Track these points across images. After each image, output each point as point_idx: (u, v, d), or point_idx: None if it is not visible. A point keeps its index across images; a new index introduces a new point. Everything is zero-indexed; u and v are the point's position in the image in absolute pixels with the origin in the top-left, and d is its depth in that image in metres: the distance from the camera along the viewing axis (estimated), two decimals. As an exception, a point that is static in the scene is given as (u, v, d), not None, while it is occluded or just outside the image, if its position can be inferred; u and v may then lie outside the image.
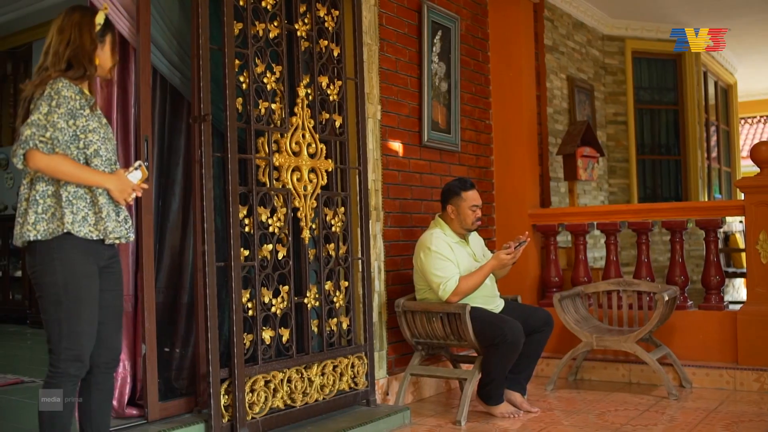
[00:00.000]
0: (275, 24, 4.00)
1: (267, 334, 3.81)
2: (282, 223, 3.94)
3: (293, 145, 4.05)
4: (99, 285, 2.85)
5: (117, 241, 2.87)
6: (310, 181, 4.14)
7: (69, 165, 2.72)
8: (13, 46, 9.66)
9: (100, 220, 2.80)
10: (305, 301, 4.08)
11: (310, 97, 4.20)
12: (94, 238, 2.80)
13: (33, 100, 2.79)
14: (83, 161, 2.81)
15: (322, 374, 4.12)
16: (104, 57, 2.95)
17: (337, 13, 4.41)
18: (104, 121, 2.92)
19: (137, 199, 3.59)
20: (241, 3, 3.81)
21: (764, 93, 13.83)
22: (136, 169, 2.92)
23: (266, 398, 3.77)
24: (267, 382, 3.79)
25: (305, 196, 4.09)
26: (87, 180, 2.76)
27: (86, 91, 2.90)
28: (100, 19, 2.92)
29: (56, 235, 2.73)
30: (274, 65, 3.99)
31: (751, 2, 8.17)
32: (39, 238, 2.73)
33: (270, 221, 3.87)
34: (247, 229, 3.76)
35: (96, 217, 2.80)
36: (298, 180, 4.07)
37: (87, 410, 2.95)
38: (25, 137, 2.67)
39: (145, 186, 2.99)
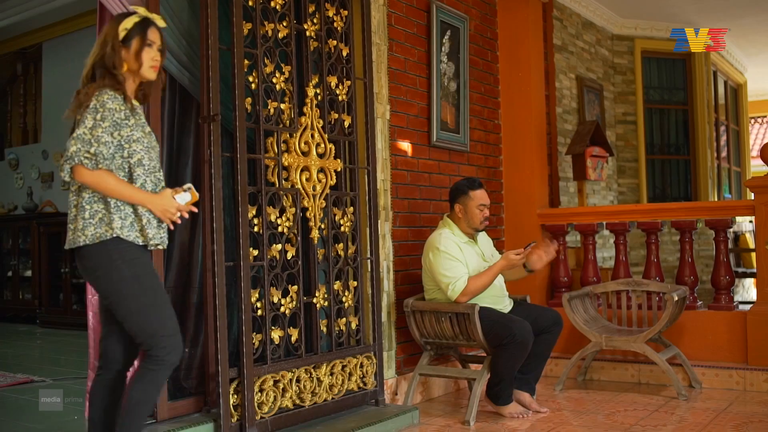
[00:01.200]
0: (284, 24, 4.01)
1: (276, 334, 3.82)
2: (291, 223, 3.95)
3: (302, 145, 4.06)
4: None
5: (155, 248, 2.93)
6: (319, 181, 4.14)
7: (113, 182, 2.78)
8: (23, 47, 9.71)
9: (144, 227, 2.85)
10: (314, 300, 4.09)
11: (319, 97, 4.21)
12: (140, 243, 2.86)
13: (80, 110, 2.84)
14: (127, 170, 2.86)
15: (331, 374, 4.12)
16: (130, 60, 2.96)
17: (346, 12, 4.41)
18: (147, 129, 2.96)
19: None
20: (250, 3, 3.81)
21: (774, 92, 13.78)
22: (185, 191, 2.96)
23: (275, 398, 3.78)
24: (276, 382, 3.79)
25: (314, 196, 4.10)
26: (130, 198, 2.81)
27: (133, 100, 2.95)
28: (126, 24, 2.95)
29: (105, 239, 2.78)
30: (283, 65, 4.00)
31: (760, 1, 8.13)
32: (87, 242, 2.78)
33: (279, 221, 3.88)
34: (256, 228, 3.77)
35: (140, 224, 2.86)
36: (307, 180, 4.07)
37: (113, 411, 2.97)
38: (70, 153, 2.74)
39: (194, 209, 3.03)
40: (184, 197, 2.94)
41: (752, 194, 5.25)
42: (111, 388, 2.98)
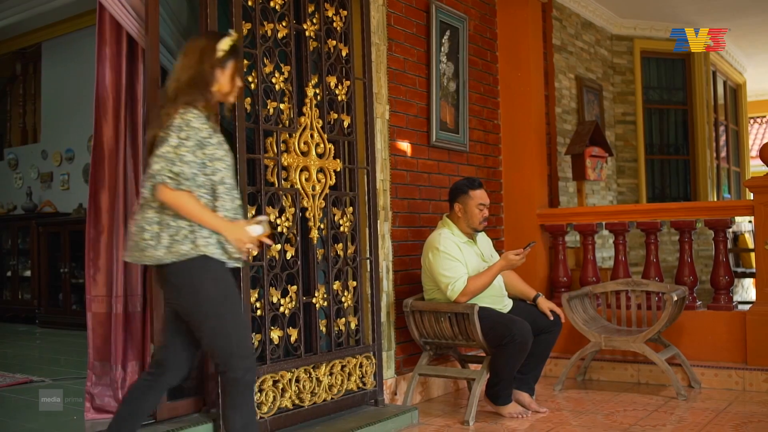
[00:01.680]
0: (284, 24, 4.01)
1: (275, 334, 3.82)
2: (290, 223, 3.95)
3: (302, 145, 4.06)
4: None
5: (236, 264, 2.95)
6: (319, 181, 4.14)
7: (193, 205, 2.79)
8: (23, 47, 9.71)
9: (225, 244, 2.87)
10: (313, 301, 4.09)
11: (319, 97, 4.21)
12: (223, 260, 2.88)
13: (162, 126, 2.84)
14: (210, 188, 2.86)
15: (331, 374, 4.12)
16: (224, 82, 2.98)
17: (345, 13, 4.41)
18: (227, 147, 2.97)
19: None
20: (249, 3, 3.81)
21: (774, 92, 13.79)
22: (258, 223, 2.96)
23: (274, 398, 3.78)
24: (275, 382, 3.79)
25: (314, 196, 4.10)
26: (207, 223, 2.82)
27: (211, 121, 2.96)
28: (224, 45, 2.96)
29: (192, 257, 2.80)
30: (282, 65, 3.99)
31: (760, 1, 8.14)
32: (175, 260, 2.79)
33: (278, 221, 3.88)
34: (255, 228, 3.76)
35: (225, 242, 2.87)
36: (306, 180, 4.07)
37: (138, 411, 2.99)
38: (155, 171, 2.76)
39: (268, 241, 3.07)
40: (257, 229, 2.94)
41: (751, 194, 5.25)
42: (155, 392, 3.00)
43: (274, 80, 3.94)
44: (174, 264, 2.80)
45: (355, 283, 4.36)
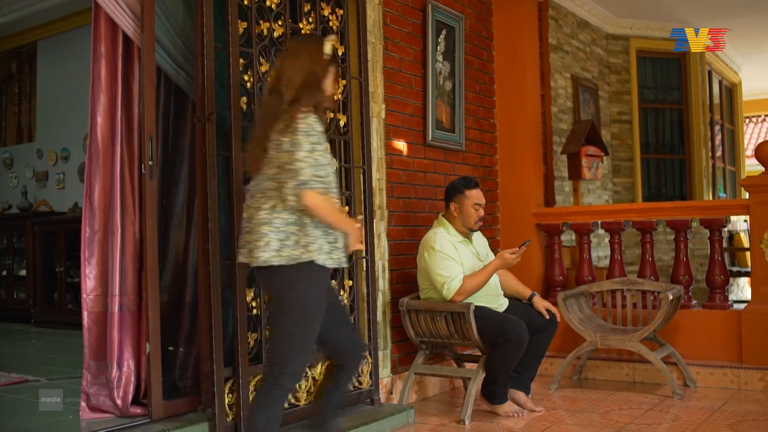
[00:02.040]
0: (279, 23, 4.01)
1: (271, 333, 3.81)
2: (286, 222, 3.93)
3: (297, 144, 4.04)
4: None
5: (338, 266, 3.03)
6: (315, 180, 4.13)
7: (332, 208, 2.90)
8: (18, 45, 9.68)
9: (334, 249, 2.95)
10: (309, 300, 4.08)
11: (315, 97, 4.19)
12: (328, 266, 2.94)
13: (276, 128, 2.91)
14: (324, 191, 2.90)
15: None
16: (330, 84, 3.08)
17: (341, 12, 4.41)
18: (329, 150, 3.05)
19: (142, 199, 3.61)
20: (245, 2, 3.81)
21: (769, 92, 13.81)
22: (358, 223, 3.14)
23: (270, 397, 3.77)
24: (271, 381, 3.78)
25: (309, 195, 4.08)
26: (341, 223, 2.95)
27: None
28: (327, 49, 3.04)
29: (301, 261, 2.87)
30: (278, 64, 3.99)
31: (755, 1, 8.15)
32: (283, 263, 2.87)
33: (274, 220, 3.87)
34: (251, 228, 3.75)
35: (330, 246, 2.94)
36: (302, 179, 4.06)
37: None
38: (306, 178, 2.82)
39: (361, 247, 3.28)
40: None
41: (747, 193, 5.26)
42: (344, 380, 3.30)
43: (270, 79, 3.93)
44: (282, 266, 2.88)
45: (351, 282, 4.35)
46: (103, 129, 3.71)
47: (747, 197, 5.27)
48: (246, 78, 3.81)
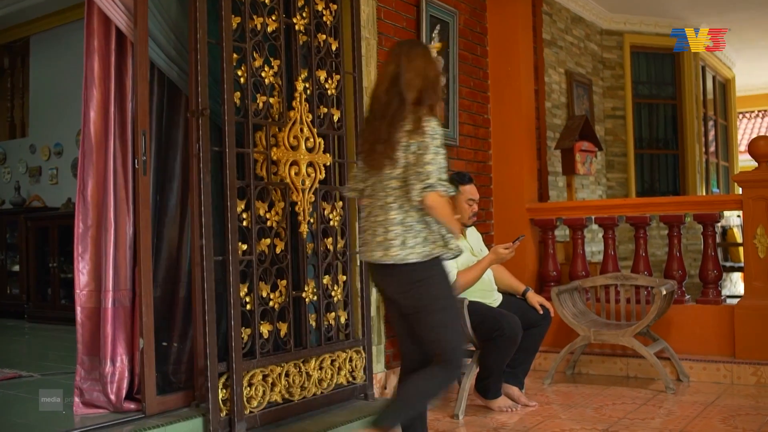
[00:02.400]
0: (273, 18, 3.99)
1: (265, 329, 3.81)
2: (280, 218, 3.94)
3: (291, 139, 4.05)
4: None
5: (453, 257, 3.15)
6: (308, 175, 4.13)
7: (448, 208, 3.03)
8: (11, 40, 9.64)
9: (448, 243, 3.07)
10: (303, 295, 4.08)
11: (308, 92, 4.19)
12: (448, 258, 3.10)
13: (401, 131, 2.98)
14: (445, 194, 3.02)
15: (320, 368, 4.12)
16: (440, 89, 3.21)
17: (335, 7, 4.40)
18: None
19: (135, 194, 3.60)
20: (238, -3, 3.80)
21: (762, 87, 13.82)
22: None
23: (264, 392, 3.77)
24: (265, 376, 3.79)
25: (303, 191, 4.09)
26: (451, 222, 3.06)
27: None
28: (434, 53, 3.14)
29: (433, 256, 3.02)
30: (272, 59, 3.98)
31: (749, -3, 8.17)
32: (418, 260, 2.99)
33: (268, 215, 3.87)
34: (245, 223, 3.76)
35: (443, 240, 3.06)
36: (296, 174, 4.06)
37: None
38: (433, 181, 2.93)
39: None
40: None
41: (740, 189, 5.27)
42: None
43: (263, 74, 3.93)
44: (417, 263, 2.99)
45: (344, 278, 4.36)
46: (96, 124, 3.70)
47: (740, 192, 5.28)
48: (239, 73, 3.80)
